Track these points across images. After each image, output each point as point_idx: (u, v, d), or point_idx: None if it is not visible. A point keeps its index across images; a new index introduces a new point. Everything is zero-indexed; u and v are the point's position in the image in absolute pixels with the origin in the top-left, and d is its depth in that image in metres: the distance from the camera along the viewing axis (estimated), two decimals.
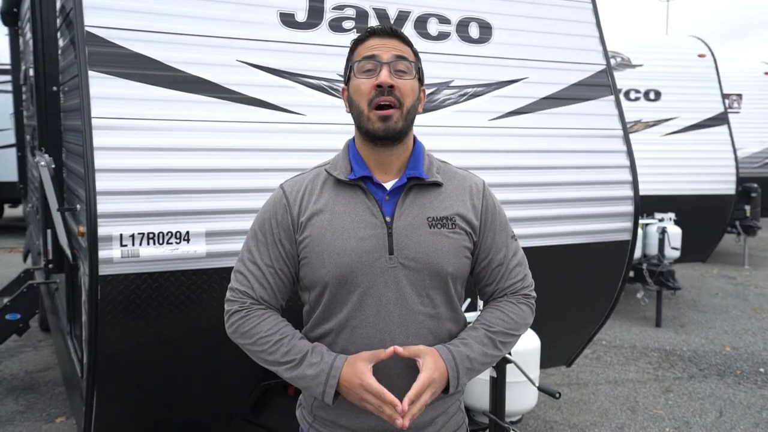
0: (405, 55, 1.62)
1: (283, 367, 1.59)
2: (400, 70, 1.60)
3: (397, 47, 1.62)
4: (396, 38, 1.63)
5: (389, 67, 1.58)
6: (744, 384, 5.09)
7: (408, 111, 1.61)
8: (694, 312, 7.29)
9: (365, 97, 1.59)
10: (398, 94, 1.58)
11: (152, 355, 2.63)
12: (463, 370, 1.58)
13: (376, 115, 1.58)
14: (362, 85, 1.59)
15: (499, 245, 1.73)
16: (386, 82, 1.56)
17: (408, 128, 1.64)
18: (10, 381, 4.90)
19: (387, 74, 1.57)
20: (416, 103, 1.65)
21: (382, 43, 1.61)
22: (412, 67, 1.62)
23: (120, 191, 2.44)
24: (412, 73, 1.62)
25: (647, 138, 7.99)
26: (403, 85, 1.59)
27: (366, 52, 1.61)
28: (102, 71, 2.49)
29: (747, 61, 11.32)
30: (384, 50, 1.60)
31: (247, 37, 2.76)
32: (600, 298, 3.64)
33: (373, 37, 1.63)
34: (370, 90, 1.58)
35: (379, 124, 1.58)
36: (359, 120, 1.62)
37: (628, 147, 3.48)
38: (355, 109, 1.63)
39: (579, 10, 3.51)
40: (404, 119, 1.60)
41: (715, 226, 8.34)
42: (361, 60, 1.61)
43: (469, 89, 3.15)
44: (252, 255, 1.69)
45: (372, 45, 1.61)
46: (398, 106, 1.58)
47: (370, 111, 1.58)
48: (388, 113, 1.57)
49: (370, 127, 1.59)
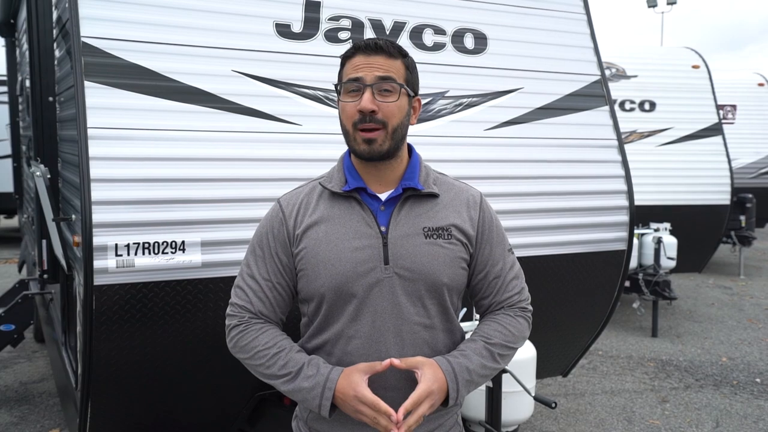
0: (389, 74, 1.59)
1: (281, 380, 1.58)
2: (385, 90, 1.58)
3: (383, 65, 1.59)
4: (382, 54, 1.60)
5: (371, 90, 1.57)
6: (740, 394, 5.09)
7: (394, 130, 1.60)
8: (690, 322, 7.30)
9: (350, 119, 1.59)
10: (381, 117, 1.57)
11: (147, 366, 2.62)
12: (463, 382, 1.58)
13: (361, 137, 1.58)
14: (347, 107, 1.60)
15: (496, 258, 1.73)
16: (367, 108, 1.55)
17: (396, 146, 1.63)
18: (4, 392, 4.87)
19: (369, 99, 1.56)
20: (405, 120, 1.63)
21: (366, 62, 1.59)
22: (397, 87, 1.60)
23: (115, 201, 2.44)
24: (396, 92, 1.60)
25: (642, 148, 8.03)
26: (386, 107, 1.58)
27: (351, 72, 1.60)
28: (98, 81, 2.50)
29: (741, 72, 11.39)
30: (368, 71, 1.58)
31: (243, 47, 2.77)
32: (596, 307, 3.64)
33: (358, 54, 1.60)
34: (355, 113, 1.58)
35: (364, 146, 1.59)
36: (347, 140, 1.64)
37: (622, 157, 3.50)
38: (343, 129, 1.64)
39: (573, 21, 3.53)
40: (390, 139, 1.59)
41: (710, 236, 8.36)
42: (346, 82, 1.60)
43: (464, 99, 3.17)
44: (250, 270, 1.69)
45: (357, 64, 1.59)
46: (383, 128, 1.58)
47: (355, 132, 1.59)
48: (372, 136, 1.57)
49: (357, 148, 1.60)
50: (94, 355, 2.49)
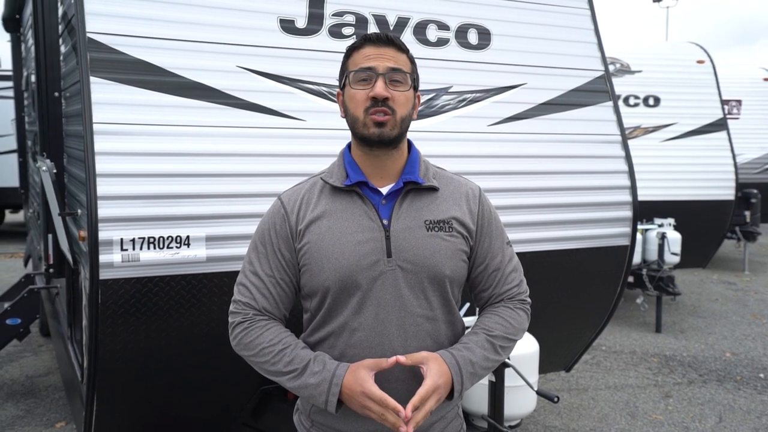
0: (400, 65, 1.63)
1: (286, 377, 1.59)
2: (395, 80, 1.62)
3: (393, 57, 1.63)
4: (391, 46, 1.64)
5: (384, 79, 1.60)
6: (744, 389, 5.09)
7: (402, 120, 1.63)
8: (694, 317, 7.30)
9: (361, 106, 1.61)
10: (392, 105, 1.60)
11: (152, 360, 2.64)
12: (467, 374, 1.59)
13: (372, 120, 1.60)
14: (358, 95, 1.62)
15: (495, 251, 1.75)
16: (381, 94, 1.59)
17: (403, 135, 1.66)
18: (11, 386, 4.90)
19: (382, 86, 1.59)
20: (411, 111, 1.67)
21: (377, 52, 1.63)
22: (407, 78, 1.64)
23: (121, 196, 2.46)
24: (407, 83, 1.64)
25: (646, 144, 8.02)
26: (398, 96, 1.61)
27: (362, 62, 1.63)
28: (103, 77, 2.51)
29: (746, 67, 11.35)
30: (380, 61, 1.62)
31: (248, 43, 2.78)
32: (599, 303, 3.65)
33: (368, 45, 1.64)
34: (366, 100, 1.60)
35: (374, 129, 1.60)
36: (354, 125, 1.64)
37: (626, 152, 3.50)
38: (351, 116, 1.65)
39: (577, 16, 3.53)
40: (399, 127, 1.63)
41: (714, 231, 8.34)
42: (357, 70, 1.63)
43: (468, 95, 3.17)
44: (253, 266, 1.70)
45: (368, 54, 1.63)
46: (392, 115, 1.61)
47: (366, 117, 1.61)
48: (383, 119, 1.60)
49: (366, 132, 1.62)
50: (99, 348, 2.51)
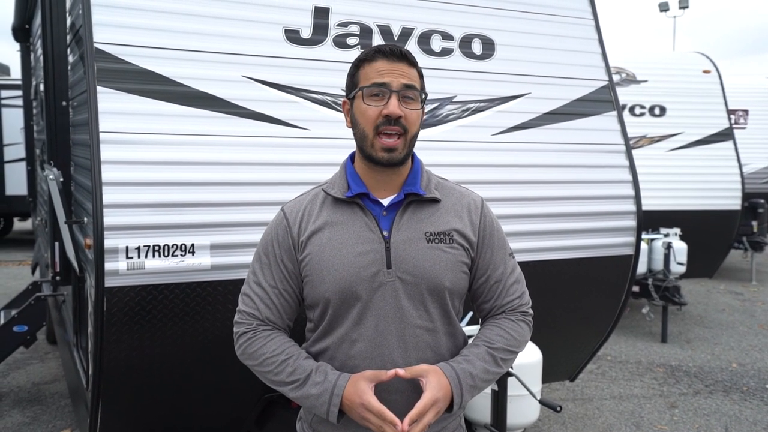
0: (413, 82, 1.62)
1: (289, 387, 1.61)
2: (408, 97, 1.61)
3: (406, 73, 1.62)
4: (404, 61, 1.63)
5: (398, 96, 1.59)
6: (750, 400, 5.06)
7: (412, 138, 1.63)
8: (701, 328, 7.26)
9: (371, 123, 1.60)
10: (405, 123, 1.60)
11: (157, 367, 2.65)
12: (467, 387, 1.59)
13: (381, 145, 1.60)
14: (369, 111, 1.60)
15: (497, 262, 1.75)
16: (395, 113, 1.58)
17: (410, 153, 1.66)
18: (17, 393, 4.92)
19: (396, 104, 1.58)
20: (419, 128, 1.67)
21: (391, 67, 1.61)
22: (419, 95, 1.64)
23: (126, 204, 2.48)
24: (418, 100, 1.63)
25: (652, 153, 8.00)
26: (410, 114, 1.61)
27: (375, 76, 1.61)
28: (110, 86, 2.54)
29: (753, 77, 11.34)
30: (393, 77, 1.60)
31: (253, 53, 2.81)
32: (603, 312, 3.64)
33: (381, 58, 1.62)
34: (378, 116, 1.59)
35: (383, 153, 1.60)
36: (363, 143, 1.64)
37: (630, 162, 3.50)
38: (360, 132, 1.64)
39: (581, 26, 3.55)
40: (408, 147, 1.63)
41: (720, 241, 8.30)
42: (370, 86, 1.61)
43: (471, 104, 3.18)
44: (257, 277, 1.71)
45: (381, 69, 1.61)
46: (403, 134, 1.61)
47: (375, 138, 1.60)
48: (393, 144, 1.59)
49: (374, 154, 1.62)
50: (104, 356, 2.53)
